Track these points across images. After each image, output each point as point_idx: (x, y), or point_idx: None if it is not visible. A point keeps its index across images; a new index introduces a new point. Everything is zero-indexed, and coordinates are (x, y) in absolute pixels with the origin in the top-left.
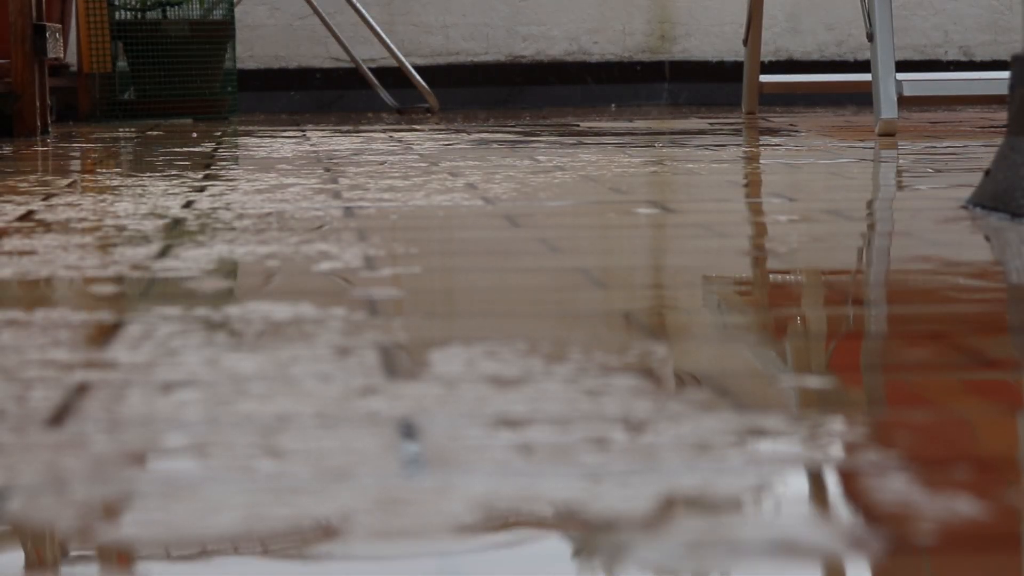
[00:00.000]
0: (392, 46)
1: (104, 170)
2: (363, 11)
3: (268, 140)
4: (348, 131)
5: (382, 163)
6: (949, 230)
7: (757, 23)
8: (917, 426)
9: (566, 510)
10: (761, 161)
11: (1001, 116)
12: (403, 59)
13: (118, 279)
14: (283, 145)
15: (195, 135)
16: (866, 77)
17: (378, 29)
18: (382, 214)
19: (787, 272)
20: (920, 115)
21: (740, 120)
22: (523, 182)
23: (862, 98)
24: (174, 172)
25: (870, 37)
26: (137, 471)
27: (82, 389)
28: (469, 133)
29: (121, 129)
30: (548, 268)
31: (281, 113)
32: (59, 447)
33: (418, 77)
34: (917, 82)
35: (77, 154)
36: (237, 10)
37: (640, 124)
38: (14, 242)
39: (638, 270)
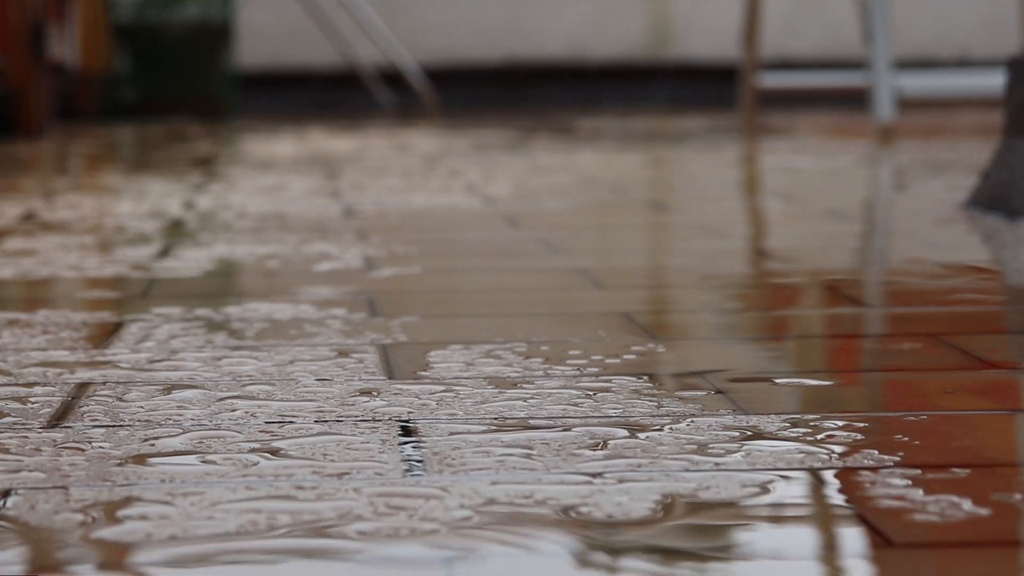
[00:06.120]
0: (392, 46)
1: (104, 170)
2: (361, 12)
3: (268, 140)
4: (348, 131)
5: (382, 163)
6: (946, 231)
7: (755, 23)
8: (915, 426)
9: (566, 510)
10: (759, 161)
11: (998, 118)
12: (403, 59)
13: (118, 279)
14: (283, 145)
15: (195, 135)
16: (865, 78)
17: (377, 29)
18: (382, 214)
19: (786, 272)
20: (918, 116)
21: (738, 120)
22: (522, 182)
23: (860, 99)
24: (174, 172)
25: (866, 38)
26: (137, 471)
27: (82, 389)
28: (468, 133)
29: (121, 129)
30: (548, 268)
31: (281, 113)
32: (59, 447)
33: (418, 77)
34: (917, 83)
35: (77, 154)
36: (238, 11)
37: (639, 124)
38: (14, 242)
39: (638, 270)
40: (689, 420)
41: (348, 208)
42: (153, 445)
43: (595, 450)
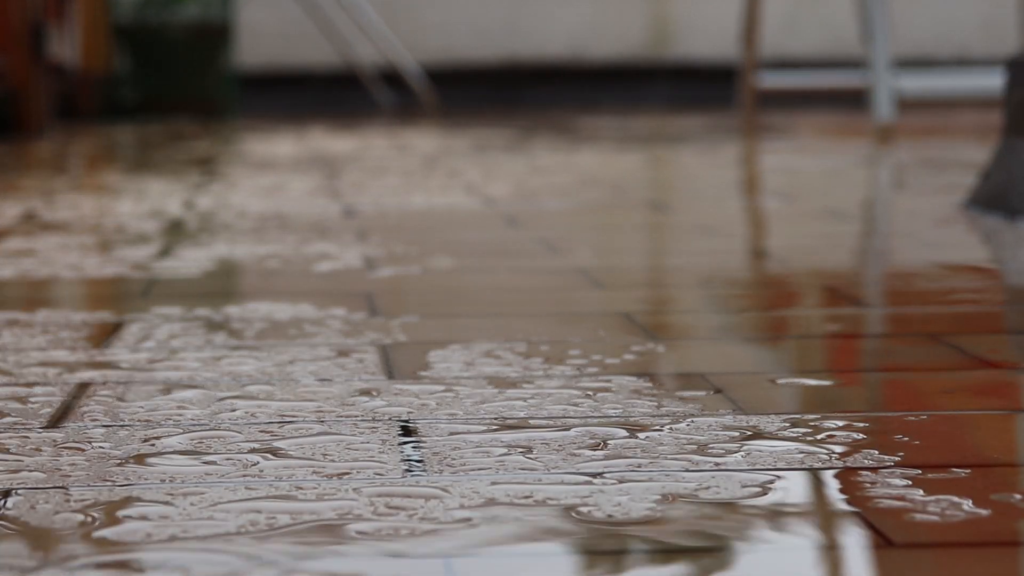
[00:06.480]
0: (391, 46)
1: (104, 170)
2: (361, 12)
3: (268, 140)
4: (347, 131)
5: (381, 163)
6: (946, 231)
7: (754, 23)
8: (915, 426)
9: (566, 510)
10: (759, 161)
11: (997, 118)
12: (402, 59)
13: (118, 279)
14: (283, 145)
15: (195, 135)
16: (864, 78)
17: (377, 29)
18: (382, 214)
19: (785, 272)
20: (917, 116)
21: (738, 120)
22: (522, 182)
23: (860, 98)
24: (174, 172)
25: (865, 38)
26: (137, 471)
27: (82, 389)
28: (468, 133)
29: (121, 129)
30: (548, 268)
31: (281, 113)
32: (59, 447)
33: (417, 77)
34: (916, 83)
35: (77, 154)
36: (238, 11)
37: (638, 124)
38: (14, 242)
39: (638, 270)
40: (689, 420)
41: (348, 208)
42: (153, 445)
43: (595, 450)
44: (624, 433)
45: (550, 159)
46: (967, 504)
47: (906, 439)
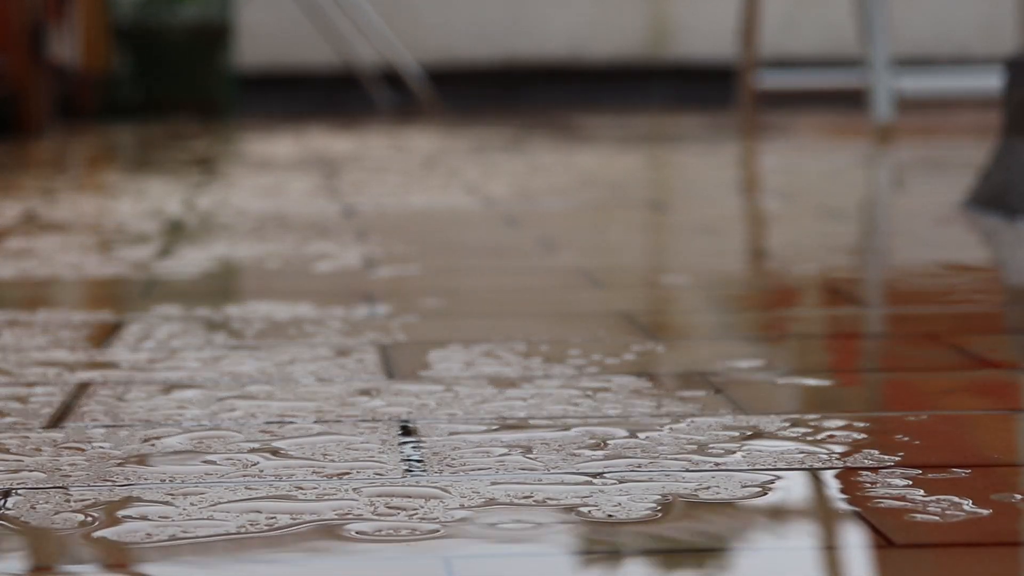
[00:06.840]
0: (391, 46)
1: (104, 170)
2: (360, 12)
3: (267, 140)
4: (347, 131)
5: (381, 163)
6: (946, 230)
7: (753, 23)
8: (915, 426)
9: (566, 510)
10: (758, 161)
11: (996, 117)
12: (402, 59)
13: (118, 279)
14: (282, 145)
15: (195, 135)
16: (863, 78)
17: (376, 29)
18: (381, 214)
19: (785, 272)
20: (917, 116)
21: (737, 120)
22: (522, 182)
23: (859, 98)
24: (174, 172)
25: (863, 37)
26: (137, 471)
27: (82, 389)
28: (467, 133)
29: (121, 129)
30: (548, 268)
31: (280, 113)
32: (59, 447)
33: (417, 77)
34: (916, 83)
35: (77, 154)
36: (238, 11)
37: (638, 124)
38: (14, 242)
39: (638, 270)
40: (689, 420)
41: (347, 208)
42: (153, 445)
43: (595, 450)
44: (624, 433)
45: (549, 159)
46: (967, 504)
47: (906, 439)
